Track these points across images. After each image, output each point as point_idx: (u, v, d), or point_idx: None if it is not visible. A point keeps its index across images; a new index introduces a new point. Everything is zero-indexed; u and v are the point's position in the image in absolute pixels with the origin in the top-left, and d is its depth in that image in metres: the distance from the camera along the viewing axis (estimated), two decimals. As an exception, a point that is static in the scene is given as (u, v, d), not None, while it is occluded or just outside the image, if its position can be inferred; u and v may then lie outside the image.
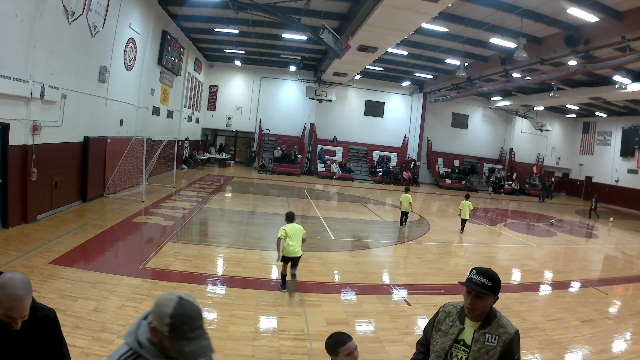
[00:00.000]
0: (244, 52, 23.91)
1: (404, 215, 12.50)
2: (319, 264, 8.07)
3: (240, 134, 29.43)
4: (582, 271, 9.84)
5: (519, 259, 10.25)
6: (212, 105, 27.66)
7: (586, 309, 6.84)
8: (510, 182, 28.35)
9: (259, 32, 18.70)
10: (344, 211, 15.18)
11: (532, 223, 17.03)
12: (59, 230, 8.19)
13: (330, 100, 25.99)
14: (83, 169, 10.86)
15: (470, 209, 12.58)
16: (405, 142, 29.01)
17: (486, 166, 29.90)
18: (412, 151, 28.99)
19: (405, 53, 19.05)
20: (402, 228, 12.59)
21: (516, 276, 8.88)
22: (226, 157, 27.70)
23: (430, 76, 24.35)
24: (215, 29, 18.69)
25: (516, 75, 18.44)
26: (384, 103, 29.05)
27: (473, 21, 13.94)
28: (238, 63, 26.48)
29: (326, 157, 27.16)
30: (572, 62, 14.65)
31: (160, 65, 16.99)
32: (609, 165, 27.45)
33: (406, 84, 27.52)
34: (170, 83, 19.17)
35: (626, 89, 16.35)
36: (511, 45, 14.26)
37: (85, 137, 10.86)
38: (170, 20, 17.17)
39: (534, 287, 8.06)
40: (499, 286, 2.13)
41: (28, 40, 7.95)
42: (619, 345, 5.64)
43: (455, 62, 18.94)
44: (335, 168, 26.20)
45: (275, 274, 7.13)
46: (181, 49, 19.45)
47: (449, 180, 28.01)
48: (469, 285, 2.13)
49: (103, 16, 11.02)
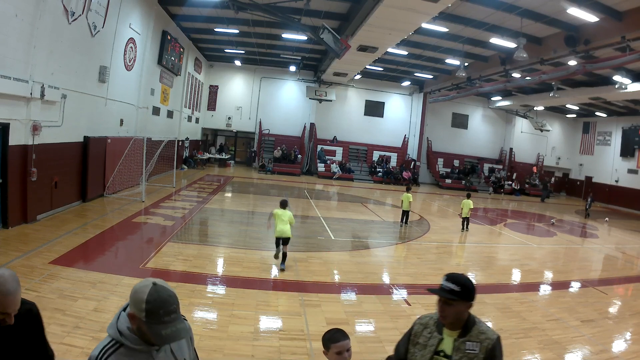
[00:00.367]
0: (244, 52, 23.91)
1: (405, 214, 12.81)
2: (319, 264, 8.07)
3: (240, 134, 29.44)
4: (582, 271, 9.84)
5: (519, 259, 10.25)
6: (212, 105, 27.66)
7: (586, 309, 6.84)
8: (510, 182, 28.35)
9: (259, 32, 18.70)
10: (344, 211, 15.18)
11: (532, 223, 17.02)
12: (59, 230, 8.19)
13: (330, 100, 26.00)
14: (83, 169, 10.87)
15: (471, 207, 12.77)
16: (405, 142, 29.01)
17: (486, 166, 29.91)
18: (412, 151, 29.00)
19: (405, 53, 19.05)
20: (403, 226, 12.81)
21: (516, 276, 8.89)
22: (226, 157, 27.70)
23: (430, 76, 24.35)
24: (215, 29, 18.70)
25: (516, 75, 18.44)
26: (384, 103, 29.05)
27: (473, 21, 13.95)
28: (238, 63, 26.48)
29: (326, 157, 27.16)
30: (572, 62, 14.65)
31: (160, 65, 17.00)
32: (609, 165, 27.45)
33: (406, 84, 27.51)
34: (170, 83, 19.17)
35: (626, 89, 16.35)
36: (511, 45, 14.27)
37: (85, 137, 10.87)
38: (170, 20, 17.17)
39: (534, 287, 8.06)
40: (470, 291, 2.04)
41: (28, 40, 7.96)
42: (619, 345, 5.64)
43: (455, 62, 18.94)
44: (335, 168, 26.19)
45: (274, 275, 7.21)
46: (181, 49, 19.45)
47: (449, 180, 28.02)
48: (436, 292, 2.06)
49: (103, 16, 11.02)
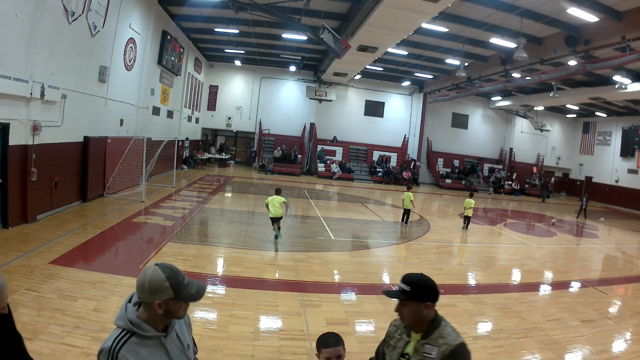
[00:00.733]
0: (244, 52, 23.91)
1: (406, 212, 12.96)
2: (319, 264, 8.07)
3: (240, 134, 29.44)
4: (582, 271, 9.84)
5: (519, 259, 10.25)
6: (212, 105, 27.66)
7: (586, 309, 6.84)
8: (510, 182, 28.35)
9: (259, 32, 18.70)
10: (344, 211, 15.17)
11: (532, 223, 17.02)
12: (59, 230, 8.19)
13: (330, 100, 26.00)
14: (83, 169, 10.86)
15: (471, 206, 13.05)
16: (405, 142, 29.01)
17: (486, 166, 29.91)
18: (412, 151, 29.00)
19: (405, 53, 19.05)
20: (404, 225, 12.93)
21: (516, 276, 8.89)
22: (226, 157, 27.71)
23: (430, 76, 24.35)
24: (215, 29, 18.70)
25: (516, 75, 18.44)
26: (384, 103, 29.05)
27: (473, 21, 13.95)
28: (238, 63, 26.48)
29: (326, 157, 27.16)
30: (572, 62, 14.65)
31: (160, 65, 17.00)
32: (609, 165, 27.45)
33: (406, 84, 27.52)
34: (170, 83, 19.17)
35: (626, 89, 16.35)
36: (511, 45, 14.27)
37: (85, 137, 10.87)
38: (170, 20, 17.17)
39: (534, 287, 8.06)
40: (421, 291, 1.95)
41: (28, 40, 7.96)
42: (619, 345, 5.63)
43: (455, 62, 18.95)
44: (335, 168, 26.19)
45: (274, 275, 7.25)
46: (181, 49, 19.45)
47: (449, 180, 28.02)
48: (387, 293, 2.03)
49: (103, 16, 11.02)
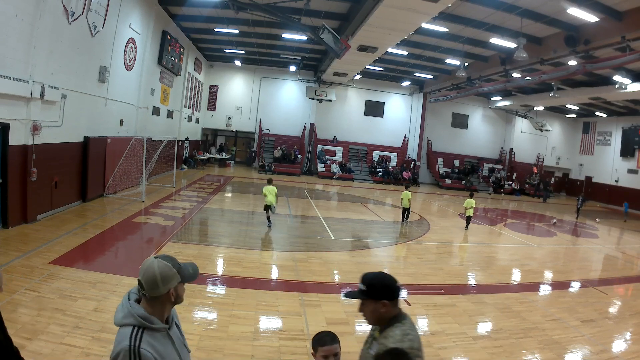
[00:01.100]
0: (244, 52, 23.91)
1: (405, 211, 13.06)
2: (319, 264, 8.07)
3: (240, 134, 29.44)
4: (582, 271, 9.84)
5: (519, 259, 10.25)
6: (212, 105, 27.66)
7: (586, 309, 6.84)
8: (510, 182, 28.35)
9: (259, 32, 18.70)
10: (344, 211, 15.17)
11: (532, 223, 17.02)
12: (59, 230, 8.19)
13: (330, 100, 26.00)
14: (83, 169, 10.86)
15: (472, 206, 13.19)
16: (405, 142, 29.01)
17: (486, 166, 29.91)
18: (412, 151, 29.00)
19: (405, 53, 19.05)
20: (404, 224, 13.01)
21: (516, 276, 8.89)
22: (226, 157, 27.71)
23: (430, 76, 24.35)
24: (215, 29, 18.69)
25: (516, 75, 18.44)
26: (384, 103, 29.05)
27: (473, 21, 13.94)
28: (238, 63, 26.48)
29: (326, 157, 27.16)
30: (572, 62, 14.65)
31: (160, 65, 17.00)
32: (609, 165, 27.45)
33: (406, 84, 27.51)
34: (170, 83, 19.16)
35: (626, 89, 16.35)
36: (511, 45, 14.26)
37: (85, 137, 10.87)
38: (170, 20, 17.17)
39: (534, 287, 8.06)
40: (376, 290, 1.96)
41: (28, 40, 7.96)
42: (619, 345, 5.64)
43: (455, 62, 18.94)
44: (335, 168, 26.19)
45: (275, 275, 7.29)
46: (181, 49, 19.45)
47: (449, 180, 28.02)
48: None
49: (103, 16, 11.02)
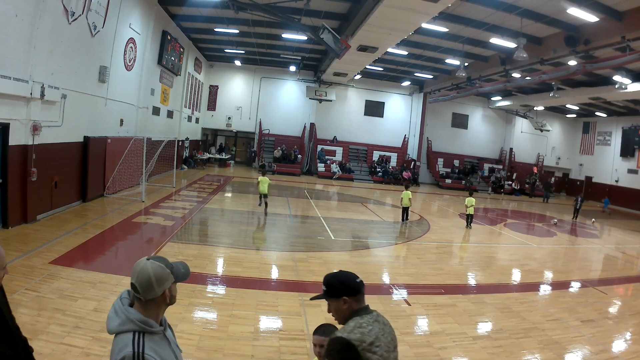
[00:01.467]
0: (244, 52, 23.90)
1: (405, 211, 13.11)
2: (319, 264, 8.07)
3: (240, 134, 29.43)
4: (582, 271, 9.84)
5: (519, 259, 10.25)
6: (212, 105, 27.66)
7: (586, 309, 6.84)
8: (510, 182, 28.35)
9: (259, 32, 18.70)
10: (344, 211, 15.17)
11: (532, 223, 17.02)
12: (59, 230, 8.19)
13: (330, 100, 25.99)
14: (83, 169, 10.86)
15: (472, 204, 13.36)
16: (405, 142, 29.01)
17: (486, 166, 29.91)
18: (412, 151, 28.99)
19: (405, 53, 19.05)
20: (404, 224, 13.04)
21: (516, 276, 8.89)
22: (226, 157, 27.71)
23: (430, 76, 24.35)
24: (215, 29, 18.69)
25: (516, 75, 18.44)
26: (384, 103, 29.05)
27: (473, 21, 13.94)
28: (238, 63, 26.48)
29: (326, 157, 27.16)
30: (572, 62, 14.65)
31: (160, 65, 17.00)
32: (609, 165, 27.45)
33: (406, 84, 27.51)
34: (170, 83, 19.16)
35: (626, 89, 16.35)
36: (511, 45, 14.26)
37: (85, 137, 10.87)
38: (170, 20, 17.17)
39: (534, 287, 8.06)
40: (334, 289, 2.00)
41: (28, 40, 7.95)
42: (619, 345, 5.63)
43: (455, 62, 18.94)
44: (335, 168, 26.19)
45: (275, 275, 7.30)
46: (181, 49, 19.45)
47: (449, 180, 28.02)
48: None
49: (103, 16, 11.02)
